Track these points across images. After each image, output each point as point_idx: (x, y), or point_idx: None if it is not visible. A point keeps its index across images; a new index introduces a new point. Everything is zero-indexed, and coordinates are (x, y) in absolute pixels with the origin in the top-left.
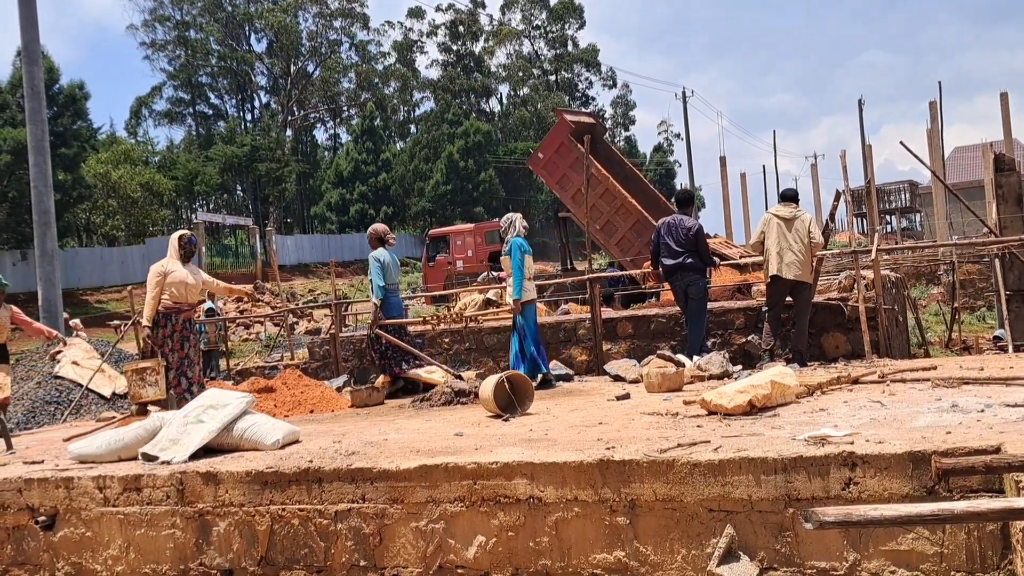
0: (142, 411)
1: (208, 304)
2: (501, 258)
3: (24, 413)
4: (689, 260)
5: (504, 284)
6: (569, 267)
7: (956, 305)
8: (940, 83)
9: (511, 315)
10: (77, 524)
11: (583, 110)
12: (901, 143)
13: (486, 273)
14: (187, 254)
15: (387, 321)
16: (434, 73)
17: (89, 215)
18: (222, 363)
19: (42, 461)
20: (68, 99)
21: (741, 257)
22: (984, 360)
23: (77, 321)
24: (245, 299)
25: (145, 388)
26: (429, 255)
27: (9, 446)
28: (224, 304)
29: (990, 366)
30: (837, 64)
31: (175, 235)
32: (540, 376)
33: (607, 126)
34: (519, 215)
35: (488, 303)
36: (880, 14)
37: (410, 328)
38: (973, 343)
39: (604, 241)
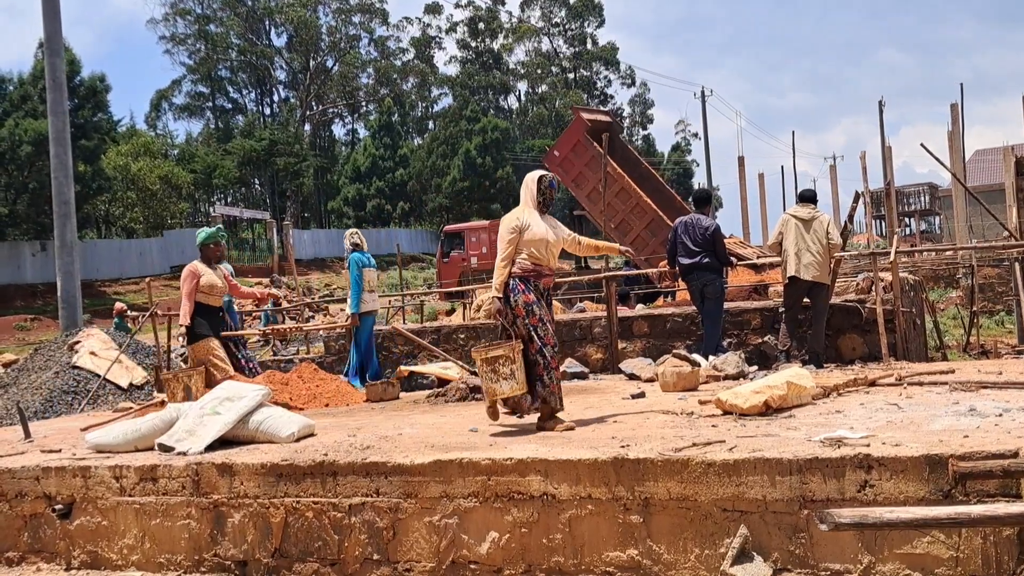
0: (493, 412)
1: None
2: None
3: (42, 402)
4: (706, 260)
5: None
6: (584, 265)
7: (975, 308)
8: (961, 85)
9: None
10: (93, 513)
11: (600, 108)
12: (922, 145)
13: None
14: (546, 202)
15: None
16: (452, 69)
17: (108, 207)
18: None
19: (60, 450)
20: (89, 91)
21: (758, 257)
22: (1003, 364)
23: (122, 305)
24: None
25: (499, 382)
26: (444, 251)
27: (27, 434)
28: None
29: (1009, 370)
30: (853, 63)
31: (533, 176)
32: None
33: (624, 125)
34: (356, 231)
35: None
36: (896, 12)
37: (429, 324)
38: (991, 347)
39: (618, 240)
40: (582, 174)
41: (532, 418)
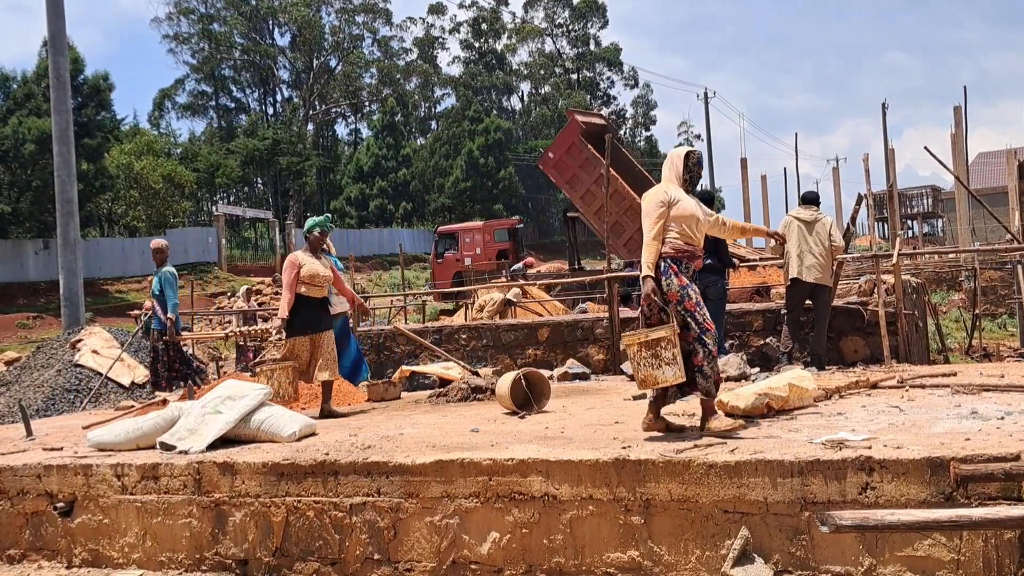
0: (659, 400)
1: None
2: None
3: (44, 400)
4: (708, 261)
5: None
6: (577, 266)
7: (977, 311)
8: (965, 88)
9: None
10: (95, 511)
11: (594, 111)
12: (925, 148)
13: (520, 266)
14: (693, 180)
15: (183, 336)
16: (455, 70)
17: (111, 205)
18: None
19: (61, 448)
20: (92, 90)
21: (760, 259)
22: (1005, 367)
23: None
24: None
25: (661, 368)
26: (438, 252)
27: (29, 432)
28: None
29: (1011, 373)
30: (857, 65)
31: (679, 152)
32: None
33: (626, 125)
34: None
35: (508, 304)
36: (901, 15)
37: (431, 324)
38: (994, 350)
39: (612, 241)
40: (576, 176)
41: (535, 418)
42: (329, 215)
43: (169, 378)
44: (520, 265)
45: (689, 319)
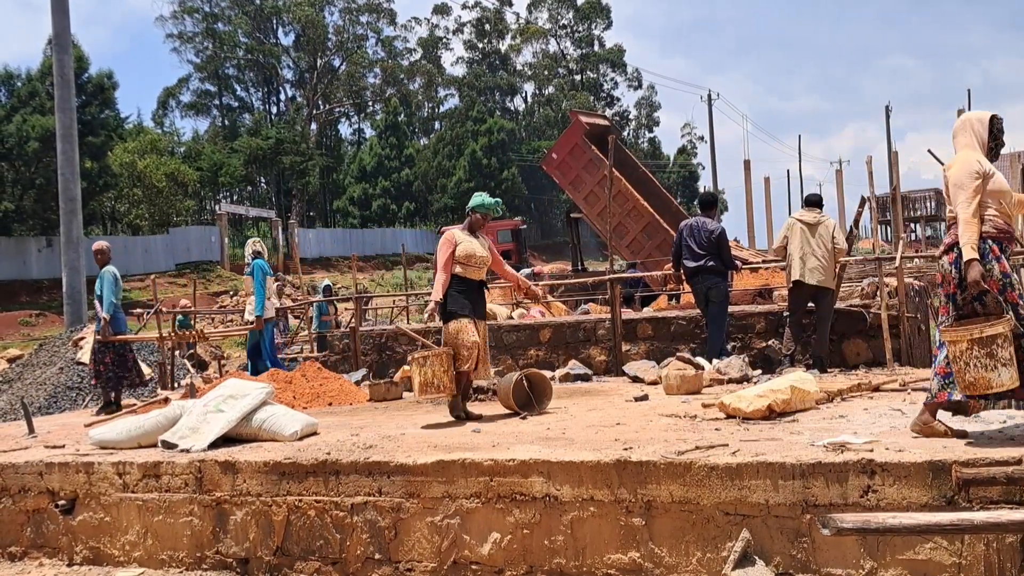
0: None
1: (327, 282)
2: (244, 278)
3: (46, 398)
4: (711, 263)
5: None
6: (580, 267)
7: None
8: (969, 91)
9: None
10: (96, 509)
11: (598, 112)
12: (929, 151)
13: (528, 270)
14: (998, 148)
15: (117, 337)
16: (459, 70)
17: (114, 204)
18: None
19: (63, 446)
20: (96, 88)
21: (763, 262)
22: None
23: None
24: None
25: (997, 370)
26: None
27: (31, 430)
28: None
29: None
30: (861, 68)
31: (982, 116)
32: None
33: (630, 127)
34: (253, 240)
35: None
36: (905, 18)
37: (433, 324)
38: None
39: (615, 242)
40: (579, 177)
41: (537, 419)
42: (500, 201)
43: (104, 379)
44: (529, 271)
45: (1011, 312)
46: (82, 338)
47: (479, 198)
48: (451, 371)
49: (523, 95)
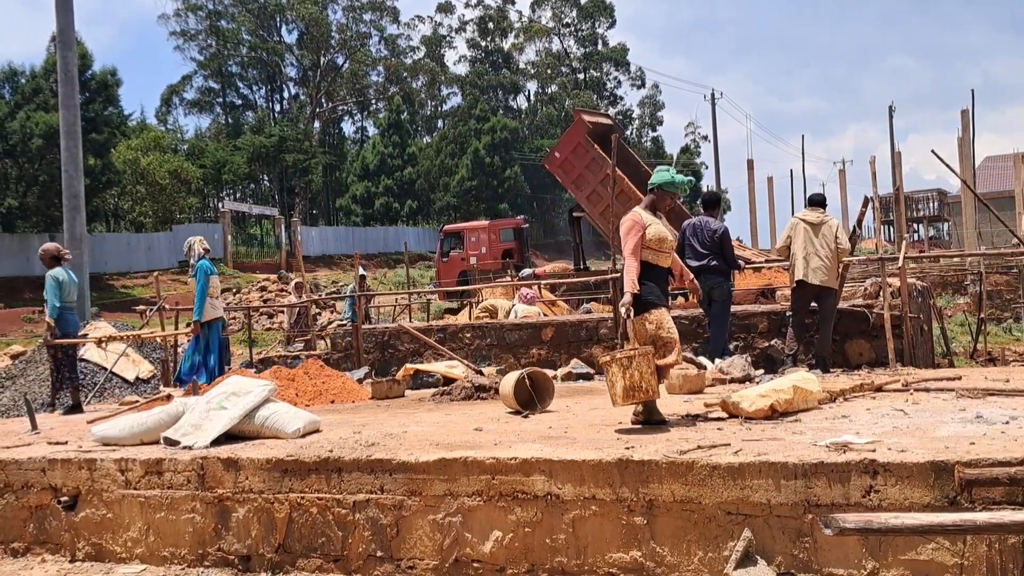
0: None
1: (362, 271)
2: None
3: (49, 394)
4: (713, 262)
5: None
6: (582, 266)
7: (983, 315)
8: (973, 91)
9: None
10: (99, 505)
11: (601, 111)
12: (932, 151)
13: (529, 271)
14: None
15: (61, 341)
16: (462, 69)
17: (118, 201)
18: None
19: (66, 442)
20: (100, 85)
21: (766, 261)
22: (1010, 372)
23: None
24: None
25: None
26: (443, 251)
27: (34, 426)
28: (248, 293)
29: (1016, 377)
30: (862, 69)
31: None
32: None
33: (633, 125)
34: (200, 238)
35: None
36: (905, 19)
37: (436, 323)
38: (999, 354)
39: (618, 242)
40: (582, 175)
41: (539, 417)
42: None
43: (57, 381)
44: (530, 271)
45: None
46: (85, 335)
47: (666, 174)
48: (655, 372)
49: (526, 93)
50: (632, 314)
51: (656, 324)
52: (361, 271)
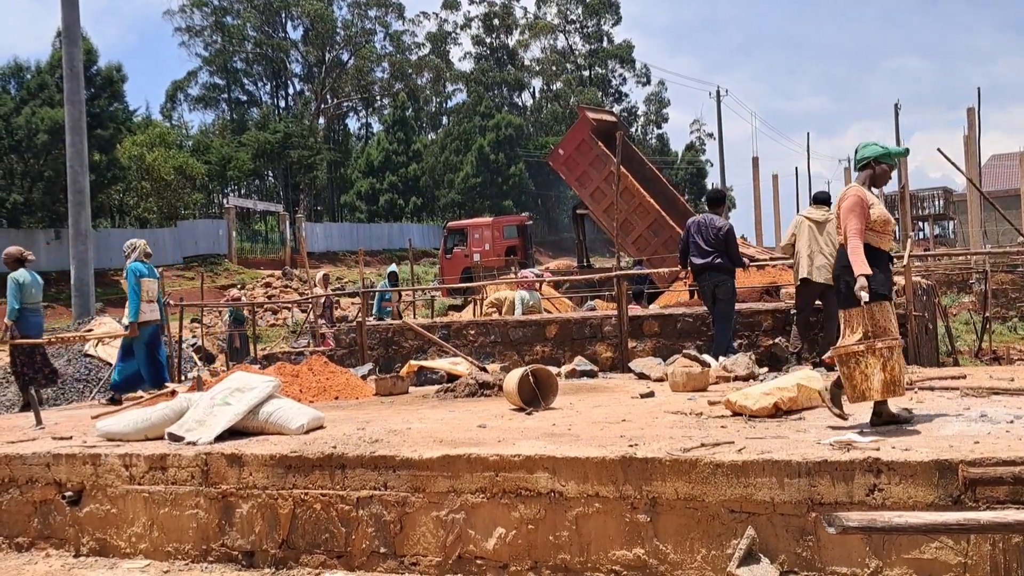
0: None
1: (392, 267)
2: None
3: (53, 390)
4: (718, 260)
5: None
6: (585, 264)
7: (987, 314)
8: (979, 89)
9: None
10: (103, 500)
11: (605, 108)
12: (938, 150)
13: (533, 269)
14: None
15: (21, 341)
16: (467, 65)
17: (122, 196)
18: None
19: (70, 437)
20: (105, 81)
21: (770, 259)
22: (1015, 371)
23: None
24: None
25: None
26: (447, 247)
27: (39, 421)
28: (253, 289)
29: (1021, 377)
30: (868, 69)
31: None
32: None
33: (637, 123)
34: (143, 241)
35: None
36: (912, 19)
37: (440, 319)
38: (1004, 353)
39: (621, 239)
40: (586, 173)
41: (543, 415)
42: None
43: (20, 380)
44: (535, 270)
45: None
46: (90, 330)
47: (877, 147)
48: (897, 373)
49: (531, 90)
50: (868, 298)
51: (887, 314)
52: (392, 267)
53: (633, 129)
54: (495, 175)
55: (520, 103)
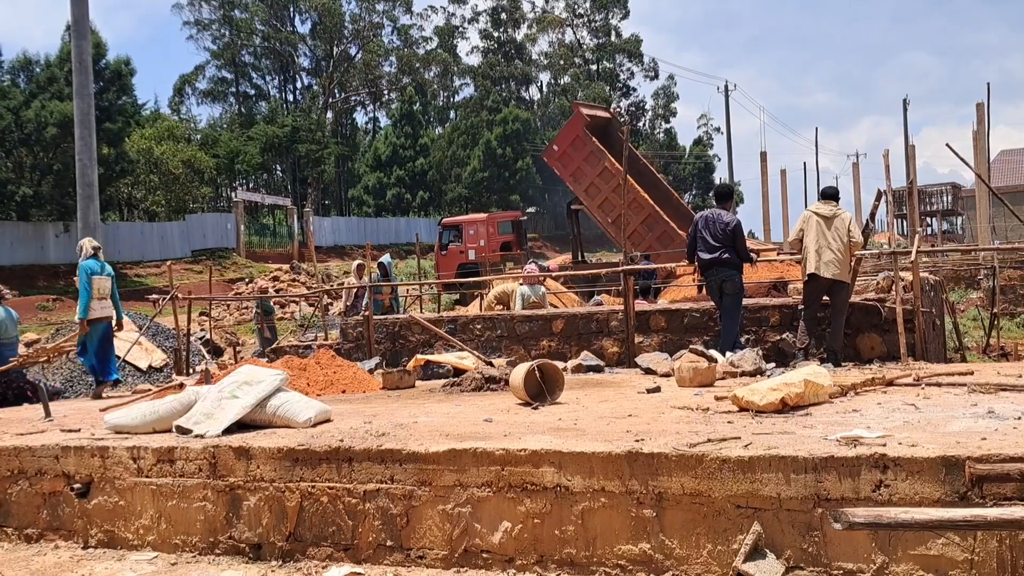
0: None
1: (385, 257)
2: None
3: (62, 382)
4: (726, 255)
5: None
6: (580, 259)
7: (996, 310)
8: (988, 84)
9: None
10: (111, 493)
11: (599, 104)
12: (947, 145)
13: (532, 263)
14: None
15: None
16: (475, 59)
17: (131, 190)
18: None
19: (79, 430)
20: (114, 74)
21: (778, 255)
22: (1023, 367)
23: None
24: None
25: None
26: (442, 244)
27: (48, 414)
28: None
29: None
30: (877, 65)
31: None
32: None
33: (645, 118)
34: (88, 239)
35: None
36: (922, 15)
37: (446, 314)
38: (1012, 349)
39: (615, 234)
40: (580, 169)
41: (549, 409)
42: None
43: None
44: (541, 264)
45: None
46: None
47: None
48: None
49: (539, 85)
50: None
51: None
52: (386, 257)
53: (641, 123)
54: (502, 170)
55: (528, 97)
